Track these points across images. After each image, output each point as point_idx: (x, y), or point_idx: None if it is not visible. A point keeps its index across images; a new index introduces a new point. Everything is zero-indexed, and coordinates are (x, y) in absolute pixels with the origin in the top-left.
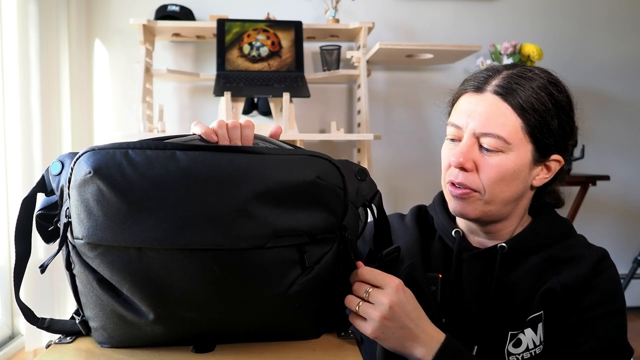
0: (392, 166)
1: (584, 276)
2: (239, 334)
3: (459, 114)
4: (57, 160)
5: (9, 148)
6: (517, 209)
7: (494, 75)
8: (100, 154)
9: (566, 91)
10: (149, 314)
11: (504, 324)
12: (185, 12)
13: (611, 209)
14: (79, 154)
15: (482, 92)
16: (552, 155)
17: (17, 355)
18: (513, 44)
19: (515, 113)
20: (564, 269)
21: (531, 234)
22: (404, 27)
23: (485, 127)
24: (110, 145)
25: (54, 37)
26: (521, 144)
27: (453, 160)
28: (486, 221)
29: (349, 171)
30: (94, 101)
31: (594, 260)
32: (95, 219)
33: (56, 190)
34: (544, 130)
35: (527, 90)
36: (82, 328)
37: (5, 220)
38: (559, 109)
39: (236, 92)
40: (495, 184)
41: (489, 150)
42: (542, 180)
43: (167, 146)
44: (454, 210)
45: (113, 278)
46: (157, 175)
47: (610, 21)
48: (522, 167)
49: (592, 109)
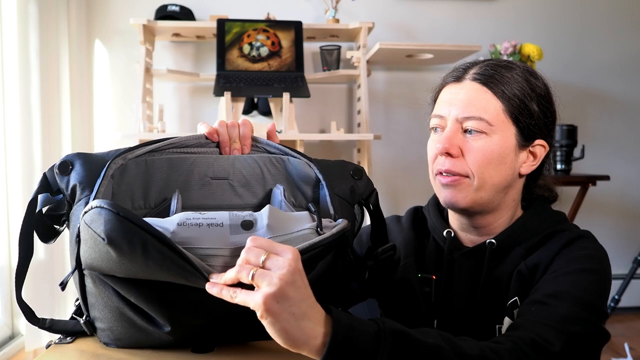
0: (392, 166)
1: (553, 253)
2: (239, 334)
3: (440, 105)
4: (65, 159)
5: (9, 148)
6: (506, 199)
7: (471, 66)
8: (121, 226)
9: (543, 80)
10: (165, 327)
11: (491, 319)
12: (185, 12)
13: (611, 209)
14: (100, 203)
15: (461, 81)
16: (536, 140)
17: (17, 355)
18: (513, 44)
19: (495, 96)
20: (536, 252)
21: (520, 227)
22: (404, 27)
23: (467, 111)
24: (134, 218)
25: (54, 37)
26: (504, 126)
27: (438, 146)
28: (477, 211)
29: (345, 170)
30: (94, 101)
31: (567, 239)
32: (106, 261)
33: (65, 190)
34: (524, 112)
35: (505, 76)
36: (86, 328)
37: (5, 220)
38: (538, 94)
39: (236, 92)
40: (483, 168)
41: (473, 132)
42: (529, 168)
43: (187, 259)
44: (444, 201)
45: (123, 291)
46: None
47: (610, 21)
48: (507, 150)
49: (592, 109)
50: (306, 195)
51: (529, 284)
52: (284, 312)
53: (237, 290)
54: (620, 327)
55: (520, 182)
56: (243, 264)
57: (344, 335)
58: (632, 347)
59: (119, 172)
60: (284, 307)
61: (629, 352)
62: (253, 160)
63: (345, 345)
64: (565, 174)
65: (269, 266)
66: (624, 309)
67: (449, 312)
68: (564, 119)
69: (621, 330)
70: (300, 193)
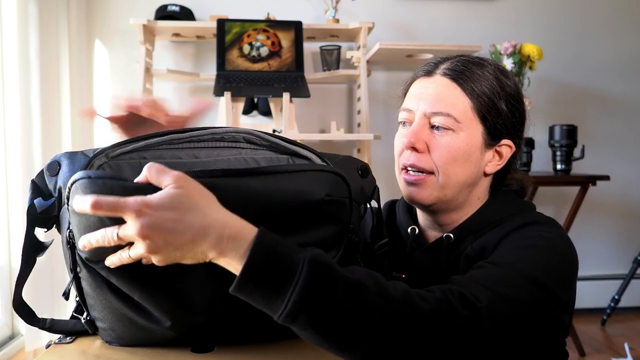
0: (392, 166)
1: (502, 235)
2: (241, 333)
3: (409, 98)
4: (53, 160)
5: (9, 148)
6: (470, 197)
7: (443, 61)
8: (97, 185)
9: (514, 80)
10: (165, 322)
11: None
12: (185, 12)
13: (611, 209)
14: (74, 179)
15: (432, 76)
16: (502, 140)
17: (17, 355)
18: (513, 44)
19: (464, 93)
20: (484, 235)
21: (477, 217)
22: (404, 27)
23: (435, 107)
24: (106, 174)
25: (54, 37)
26: (471, 124)
27: (404, 141)
28: (440, 208)
29: (353, 168)
30: (94, 101)
31: (519, 223)
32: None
33: (54, 192)
34: (492, 111)
35: (475, 72)
36: (88, 327)
37: (5, 220)
38: (507, 93)
39: (236, 92)
40: (448, 165)
41: (440, 128)
42: (495, 167)
43: None
44: (407, 197)
45: (122, 286)
46: None
47: (610, 21)
48: (473, 148)
49: (592, 109)
50: None
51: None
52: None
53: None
54: (620, 327)
55: (485, 180)
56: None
57: (264, 255)
58: (632, 347)
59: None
60: (166, 228)
61: (629, 352)
62: (252, 160)
63: (263, 264)
64: (565, 174)
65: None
66: (624, 309)
67: None
68: (564, 119)
69: (621, 330)
70: None
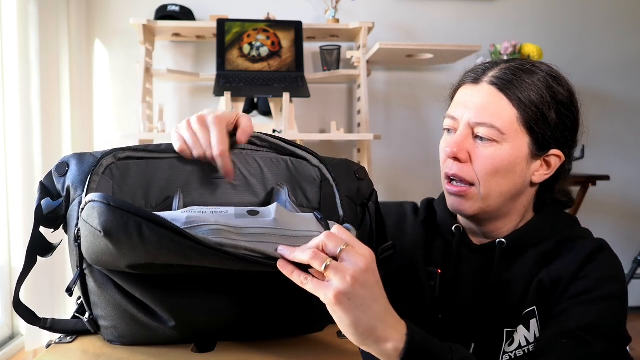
0: (392, 166)
1: (575, 266)
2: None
3: (455, 106)
4: (62, 161)
5: (9, 148)
6: (516, 206)
7: (492, 67)
8: (114, 216)
9: (568, 85)
10: (170, 322)
11: (500, 322)
12: (185, 12)
13: (611, 209)
14: (92, 197)
15: (478, 83)
16: (551, 150)
17: (17, 355)
18: (513, 44)
19: (510, 104)
20: (556, 261)
21: (531, 228)
22: (404, 27)
23: (479, 117)
24: (124, 205)
25: (54, 37)
26: (517, 135)
27: (447, 150)
28: (485, 218)
29: (349, 170)
30: (94, 101)
31: (588, 251)
32: (108, 254)
33: (62, 191)
34: (540, 122)
35: (525, 81)
36: (90, 327)
37: (5, 220)
38: (558, 102)
39: (236, 92)
40: (490, 176)
41: (483, 139)
42: (542, 177)
43: (184, 234)
44: (451, 207)
45: (127, 286)
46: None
47: (610, 21)
48: (518, 159)
49: (592, 109)
50: (307, 194)
51: (548, 296)
52: (355, 309)
53: (309, 278)
54: None
55: (531, 190)
56: (318, 251)
57: (417, 349)
58: (632, 347)
59: (120, 173)
60: (355, 304)
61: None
62: (253, 160)
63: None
64: None
65: (344, 258)
66: None
67: (455, 309)
68: None
69: None
70: (301, 192)
